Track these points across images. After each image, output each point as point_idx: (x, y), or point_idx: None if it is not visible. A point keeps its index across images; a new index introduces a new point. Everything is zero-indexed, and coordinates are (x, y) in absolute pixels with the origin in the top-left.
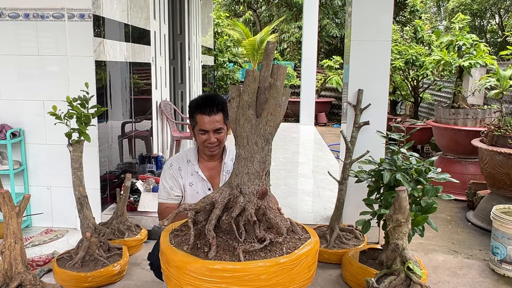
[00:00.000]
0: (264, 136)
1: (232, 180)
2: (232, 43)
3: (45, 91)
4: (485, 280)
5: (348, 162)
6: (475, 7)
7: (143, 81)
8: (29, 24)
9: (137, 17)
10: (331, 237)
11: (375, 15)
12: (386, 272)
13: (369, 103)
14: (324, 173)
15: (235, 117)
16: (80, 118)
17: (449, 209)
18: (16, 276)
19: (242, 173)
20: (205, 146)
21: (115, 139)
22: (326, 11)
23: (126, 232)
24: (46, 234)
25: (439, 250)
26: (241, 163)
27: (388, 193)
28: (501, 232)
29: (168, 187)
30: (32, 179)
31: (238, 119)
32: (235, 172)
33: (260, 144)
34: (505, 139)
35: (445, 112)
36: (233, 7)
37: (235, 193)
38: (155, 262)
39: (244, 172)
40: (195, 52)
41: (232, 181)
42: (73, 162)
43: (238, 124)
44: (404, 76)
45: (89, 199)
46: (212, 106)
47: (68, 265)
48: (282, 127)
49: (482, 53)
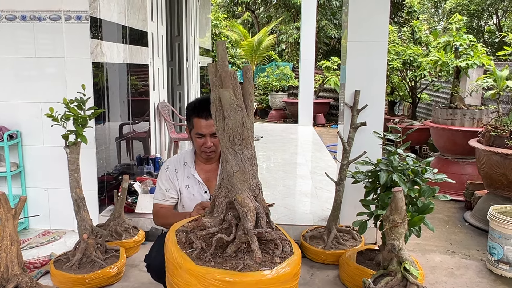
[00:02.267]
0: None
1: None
2: (230, 44)
3: (42, 93)
4: (482, 280)
5: (345, 163)
6: (472, 8)
7: (140, 83)
8: (26, 26)
9: (135, 19)
10: (328, 238)
11: (372, 16)
12: (383, 272)
13: (366, 104)
14: (322, 174)
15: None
16: (77, 120)
17: (447, 209)
18: (12, 278)
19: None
20: (202, 150)
21: (112, 141)
22: (324, 12)
23: (123, 234)
24: (43, 236)
25: (437, 251)
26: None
27: (385, 193)
28: (498, 232)
29: (164, 189)
30: (29, 181)
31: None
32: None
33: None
34: (502, 139)
35: (443, 112)
36: (231, 8)
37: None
38: (152, 264)
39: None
40: (193, 54)
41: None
42: (70, 164)
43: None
44: (402, 77)
45: (86, 201)
46: (209, 110)
47: (65, 267)
48: (280, 128)
49: (479, 54)
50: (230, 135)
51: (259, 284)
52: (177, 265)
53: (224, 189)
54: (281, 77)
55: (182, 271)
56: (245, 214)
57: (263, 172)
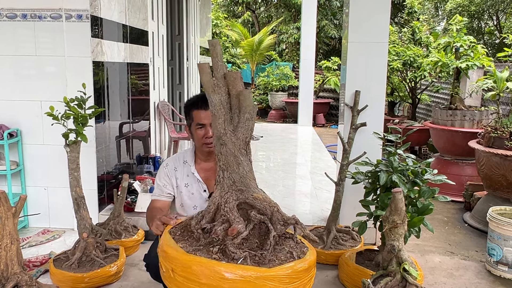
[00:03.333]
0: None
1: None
2: (231, 44)
3: (43, 92)
4: (481, 281)
5: (345, 163)
6: (472, 9)
7: (141, 82)
8: (27, 25)
9: (135, 18)
10: (328, 238)
11: (372, 16)
12: (382, 273)
13: (366, 105)
14: (321, 174)
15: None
16: (77, 119)
17: (446, 210)
18: (12, 276)
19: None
20: (203, 142)
21: (112, 140)
22: (325, 12)
23: (123, 233)
24: (43, 234)
25: (436, 252)
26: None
27: (385, 194)
28: (497, 234)
29: (161, 185)
30: (29, 180)
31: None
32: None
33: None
34: (502, 140)
35: (442, 113)
36: (231, 8)
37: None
38: (151, 263)
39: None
40: (193, 53)
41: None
42: (70, 163)
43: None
44: (402, 78)
45: (86, 200)
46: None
47: (64, 266)
48: (280, 128)
49: (479, 55)
50: (247, 136)
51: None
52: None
53: (234, 192)
54: (281, 77)
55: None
56: (273, 208)
57: (262, 172)
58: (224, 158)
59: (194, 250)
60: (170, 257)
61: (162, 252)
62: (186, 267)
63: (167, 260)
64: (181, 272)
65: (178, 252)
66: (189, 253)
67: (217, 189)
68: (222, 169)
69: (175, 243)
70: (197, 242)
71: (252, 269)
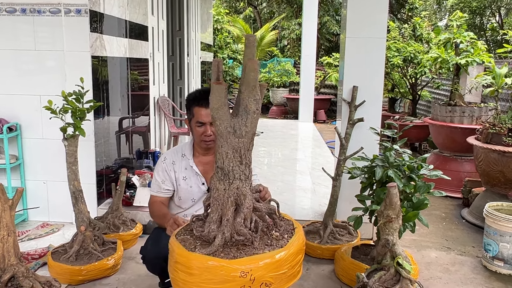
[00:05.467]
0: None
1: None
2: (232, 40)
3: (42, 86)
4: (477, 276)
5: (342, 159)
6: (474, 5)
7: (141, 77)
8: (26, 19)
9: (135, 13)
10: (324, 233)
11: (371, 11)
12: (376, 267)
13: (363, 100)
14: (320, 170)
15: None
16: (75, 113)
17: (444, 206)
18: (8, 268)
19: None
20: (202, 139)
21: (112, 134)
22: (327, 8)
23: (121, 227)
24: (42, 228)
25: (432, 247)
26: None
27: (380, 189)
28: (494, 229)
29: (159, 181)
30: (28, 173)
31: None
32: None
33: None
34: (500, 136)
35: (442, 109)
36: (233, 4)
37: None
38: (147, 256)
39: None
40: (194, 48)
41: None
42: (68, 157)
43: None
44: (403, 74)
45: (85, 194)
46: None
47: (62, 259)
48: (281, 124)
49: (479, 51)
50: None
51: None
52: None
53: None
54: (283, 73)
55: None
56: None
57: (263, 167)
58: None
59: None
60: None
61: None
62: None
63: None
64: None
65: None
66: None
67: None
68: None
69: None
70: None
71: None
